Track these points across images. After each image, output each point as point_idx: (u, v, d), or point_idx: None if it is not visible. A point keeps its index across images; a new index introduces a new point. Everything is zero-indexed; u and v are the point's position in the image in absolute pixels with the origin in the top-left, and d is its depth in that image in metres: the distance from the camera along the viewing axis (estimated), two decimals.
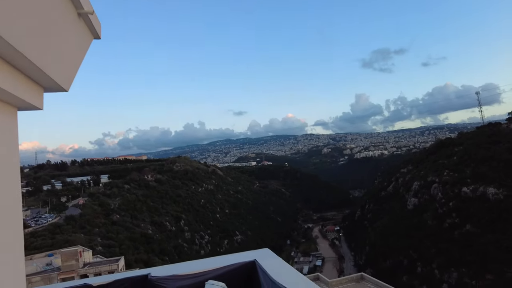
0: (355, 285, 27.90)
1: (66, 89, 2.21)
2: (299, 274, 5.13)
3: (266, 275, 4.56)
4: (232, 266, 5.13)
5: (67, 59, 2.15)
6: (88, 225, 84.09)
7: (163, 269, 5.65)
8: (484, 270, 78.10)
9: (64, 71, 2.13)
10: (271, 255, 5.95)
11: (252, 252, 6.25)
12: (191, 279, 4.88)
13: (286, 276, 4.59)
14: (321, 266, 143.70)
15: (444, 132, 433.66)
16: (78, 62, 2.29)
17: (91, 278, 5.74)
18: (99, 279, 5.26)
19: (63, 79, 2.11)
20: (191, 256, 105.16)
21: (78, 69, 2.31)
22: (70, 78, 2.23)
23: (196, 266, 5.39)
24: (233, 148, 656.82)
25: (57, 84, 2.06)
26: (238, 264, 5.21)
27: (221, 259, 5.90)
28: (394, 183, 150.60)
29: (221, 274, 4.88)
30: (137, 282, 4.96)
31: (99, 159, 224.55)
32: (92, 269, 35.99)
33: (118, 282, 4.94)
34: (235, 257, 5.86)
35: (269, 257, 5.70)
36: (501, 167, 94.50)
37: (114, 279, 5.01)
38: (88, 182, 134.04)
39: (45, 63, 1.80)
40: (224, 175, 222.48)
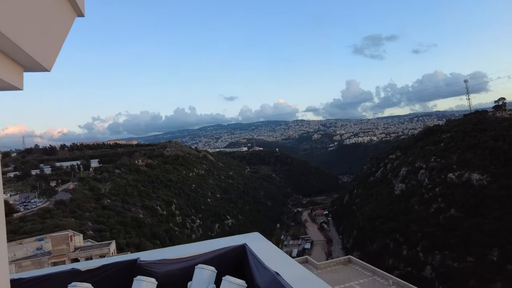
0: (343, 267, 28.68)
1: (48, 69, 2.11)
2: (288, 258, 5.12)
3: (256, 258, 4.57)
4: (222, 250, 5.10)
5: (48, 37, 2.04)
6: (78, 210, 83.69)
7: (152, 254, 5.56)
8: (466, 253, 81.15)
9: (46, 50, 2.03)
10: (261, 239, 5.92)
11: (242, 236, 6.21)
12: (180, 263, 4.84)
13: (276, 260, 4.61)
14: (310, 249, 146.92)
15: (432, 119, 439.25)
16: (61, 41, 2.19)
17: (80, 263, 5.58)
18: (87, 263, 5.15)
19: (44, 58, 2.01)
20: (182, 240, 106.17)
21: (60, 48, 2.22)
22: (52, 57, 2.13)
23: (186, 250, 5.36)
24: (224, 133, 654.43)
25: (38, 63, 1.97)
26: (228, 248, 5.17)
27: (211, 243, 5.84)
28: (382, 169, 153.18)
29: (211, 258, 4.86)
30: (126, 266, 4.89)
31: (89, 143, 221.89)
32: (83, 253, 36.10)
33: (107, 266, 4.86)
34: (225, 241, 5.81)
35: (259, 241, 5.68)
36: (486, 154, 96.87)
37: (102, 263, 4.94)
38: (78, 167, 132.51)
39: (25, 41, 1.71)
40: (215, 160, 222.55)
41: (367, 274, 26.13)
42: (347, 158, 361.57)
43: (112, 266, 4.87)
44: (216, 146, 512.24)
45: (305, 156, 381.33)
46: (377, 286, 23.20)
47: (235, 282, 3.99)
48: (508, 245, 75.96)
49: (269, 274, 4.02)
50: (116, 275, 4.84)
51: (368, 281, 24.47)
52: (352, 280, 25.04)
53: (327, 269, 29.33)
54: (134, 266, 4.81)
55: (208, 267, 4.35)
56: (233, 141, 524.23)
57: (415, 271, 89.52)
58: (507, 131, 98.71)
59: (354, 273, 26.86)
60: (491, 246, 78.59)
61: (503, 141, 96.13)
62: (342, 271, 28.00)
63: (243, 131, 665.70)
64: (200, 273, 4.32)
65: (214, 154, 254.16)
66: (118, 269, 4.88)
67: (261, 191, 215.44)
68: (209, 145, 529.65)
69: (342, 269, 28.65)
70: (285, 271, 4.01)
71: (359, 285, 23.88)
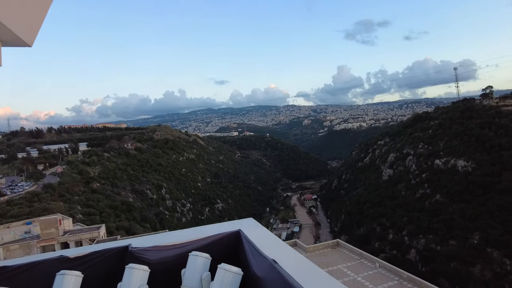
0: (331, 251, 29.24)
1: (29, 44, 2.00)
2: (284, 245, 5.00)
3: (252, 245, 4.49)
4: (216, 237, 4.97)
5: (29, 10, 1.89)
6: (67, 193, 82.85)
7: (144, 240, 5.37)
8: (449, 236, 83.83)
9: (26, 23, 1.89)
10: (256, 225, 5.81)
11: (236, 222, 6.11)
12: (174, 250, 4.69)
13: (271, 246, 4.55)
14: (298, 233, 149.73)
15: (421, 106, 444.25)
16: (42, 14, 2.02)
17: (68, 250, 5.34)
18: (76, 250, 4.96)
19: (24, 32, 1.89)
20: (172, 223, 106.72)
21: (42, 21, 2.06)
22: (33, 31, 2.01)
23: (179, 237, 5.21)
24: (215, 118, 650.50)
25: (18, 38, 1.85)
26: (222, 234, 5.04)
27: (205, 229, 5.69)
28: (371, 155, 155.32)
29: (205, 244, 4.72)
30: (117, 253, 4.70)
31: (77, 126, 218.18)
32: (73, 237, 35.94)
33: (97, 253, 4.67)
34: (219, 227, 5.69)
35: (253, 227, 5.60)
36: (472, 142, 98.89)
37: (92, 250, 4.76)
38: (66, 150, 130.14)
39: (2, 12, 1.61)
40: (205, 144, 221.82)
41: (354, 257, 26.75)
42: (336, 144, 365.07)
43: (102, 253, 4.69)
44: (207, 130, 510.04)
45: (295, 141, 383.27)
46: (364, 269, 23.79)
47: (231, 270, 3.90)
48: (489, 229, 78.70)
49: (266, 262, 3.96)
50: (107, 262, 4.66)
51: (355, 264, 25.07)
52: (340, 263, 25.61)
53: (315, 252, 29.86)
54: (126, 253, 4.65)
55: (202, 254, 4.25)
56: (224, 126, 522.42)
57: (400, 254, 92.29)
58: (493, 119, 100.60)
59: (342, 256, 27.45)
60: (473, 230, 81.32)
61: (489, 129, 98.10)
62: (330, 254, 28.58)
63: (234, 115, 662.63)
64: (194, 260, 4.21)
65: (205, 139, 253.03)
66: (109, 256, 4.69)
67: (251, 176, 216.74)
68: (200, 129, 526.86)
69: (330, 252, 29.22)
70: (282, 258, 3.96)
71: (347, 268, 24.44)
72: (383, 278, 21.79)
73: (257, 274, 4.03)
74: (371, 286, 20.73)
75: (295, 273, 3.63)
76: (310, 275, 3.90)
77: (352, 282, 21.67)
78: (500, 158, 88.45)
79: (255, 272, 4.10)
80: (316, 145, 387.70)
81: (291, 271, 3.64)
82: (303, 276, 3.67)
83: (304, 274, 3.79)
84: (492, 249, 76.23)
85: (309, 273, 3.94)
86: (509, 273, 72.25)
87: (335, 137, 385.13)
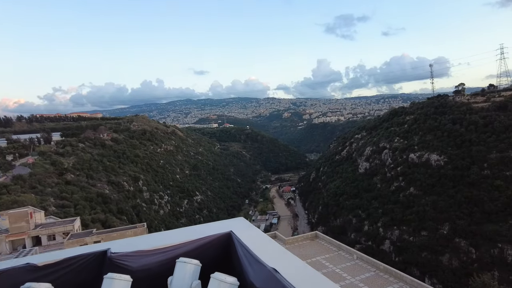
0: (310, 243, 29.59)
1: None
2: (281, 249, 4.58)
3: (246, 249, 4.07)
4: (205, 240, 4.45)
5: None
6: (39, 185, 79.40)
7: (124, 244, 4.75)
8: (421, 227, 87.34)
9: None
10: (247, 226, 5.37)
11: (226, 222, 5.61)
12: (158, 255, 4.14)
13: (268, 251, 4.19)
14: (276, 224, 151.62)
15: (397, 101, 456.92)
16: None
17: (37, 256, 4.62)
18: (46, 256, 4.29)
19: None
20: (150, 215, 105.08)
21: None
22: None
23: (163, 240, 4.70)
24: (194, 109, 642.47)
25: None
26: (212, 237, 4.53)
27: (192, 230, 5.23)
28: (348, 148, 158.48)
29: (194, 249, 4.24)
30: (94, 260, 4.06)
31: (50, 115, 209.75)
32: (45, 231, 34.43)
33: (70, 260, 4.02)
34: (207, 227, 5.19)
35: (245, 228, 5.15)
36: (444, 137, 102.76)
37: (65, 256, 4.11)
38: (38, 140, 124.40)
39: None
40: (184, 136, 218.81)
41: (332, 249, 27.22)
42: (315, 137, 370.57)
43: (76, 260, 4.04)
44: (186, 121, 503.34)
45: (275, 134, 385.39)
46: (342, 260, 24.24)
47: (226, 280, 3.49)
48: (457, 220, 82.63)
49: (265, 271, 3.57)
50: (82, 270, 4.03)
51: (333, 255, 25.51)
52: (319, 255, 25.97)
53: (294, 244, 30.14)
54: (104, 259, 4.06)
55: (191, 261, 3.83)
56: (203, 117, 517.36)
57: (375, 245, 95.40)
58: (464, 115, 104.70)
59: (320, 248, 27.86)
60: (443, 221, 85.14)
61: (460, 124, 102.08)
62: (309, 246, 28.93)
63: (214, 107, 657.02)
64: (182, 267, 3.78)
65: (183, 130, 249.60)
66: (84, 263, 4.05)
67: (230, 168, 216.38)
68: (178, 120, 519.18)
69: (309, 244, 29.57)
70: (282, 266, 3.60)
71: (325, 259, 24.82)
72: (360, 270, 22.28)
73: (256, 285, 3.64)
74: (349, 277, 21.16)
75: (299, 284, 3.31)
76: (316, 285, 3.57)
77: (330, 273, 22.03)
78: (470, 152, 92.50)
79: (253, 282, 3.70)
80: (296, 138, 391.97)
81: (294, 282, 3.32)
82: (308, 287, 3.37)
83: (309, 285, 3.49)
84: (460, 239, 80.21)
85: (314, 283, 3.60)
86: (474, 262, 76.37)
87: (314, 130, 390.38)
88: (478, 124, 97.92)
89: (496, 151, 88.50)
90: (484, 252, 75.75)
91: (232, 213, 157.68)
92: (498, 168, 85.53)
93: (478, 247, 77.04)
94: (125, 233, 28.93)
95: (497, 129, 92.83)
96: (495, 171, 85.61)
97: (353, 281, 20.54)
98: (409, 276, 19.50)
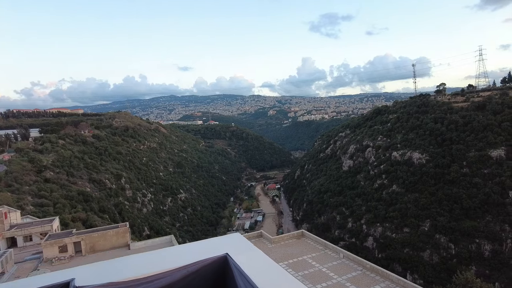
0: (296, 241, 29.41)
1: None
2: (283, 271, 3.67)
3: (245, 277, 3.25)
4: (195, 266, 3.50)
5: None
6: (16, 183, 76.42)
7: (94, 272, 3.77)
8: (403, 224, 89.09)
9: None
10: (246, 246, 4.33)
11: (219, 241, 4.56)
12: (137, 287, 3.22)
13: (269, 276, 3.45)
14: (261, 221, 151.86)
15: (381, 100, 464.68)
16: None
17: None
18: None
19: None
20: (132, 214, 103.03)
21: None
22: None
23: (143, 265, 3.76)
24: (178, 105, 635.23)
25: None
26: (204, 262, 3.58)
27: (177, 251, 4.36)
28: (332, 146, 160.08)
29: (181, 279, 3.32)
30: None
31: (28, 111, 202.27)
32: (21, 231, 32.82)
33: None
34: (198, 247, 4.26)
35: (244, 249, 4.19)
36: (426, 135, 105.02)
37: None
38: (15, 136, 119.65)
39: None
40: (168, 133, 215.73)
41: (319, 248, 27.11)
42: (300, 135, 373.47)
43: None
44: (170, 118, 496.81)
45: (260, 131, 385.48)
46: (328, 259, 24.14)
47: None
48: (438, 216, 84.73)
49: None
50: None
51: (320, 254, 25.39)
52: (305, 254, 25.80)
53: (281, 243, 29.92)
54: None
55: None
56: (188, 114, 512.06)
57: (358, 242, 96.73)
58: (445, 114, 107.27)
59: (306, 247, 27.71)
60: (424, 218, 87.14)
61: (441, 123, 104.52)
62: (295, 245, 28.75)
63: (198, 103, 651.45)
64: None
65: (167, 127, 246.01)
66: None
67: (215, 166, 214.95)
68: (162, 117, 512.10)
69: (295, 243, 29.39)
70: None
71: (312, 258, 24.67)
72: (347, 269, 22.22)
73: None
74: (336, 276, 21.03)
75: None
76: None
77: (317, 272, 21.87)
78: (450, 151, 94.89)
79: None
80: (281, 136, 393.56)
81: None
82: None
83: None
84: (440, 235, 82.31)
85: None
86: (453, 257, 78.60)
87: (298, 128, 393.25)
88: (458, 123, 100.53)
89: (475, 149, 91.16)
90: (462, 247, 78.05)
91: (217, 211, 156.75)
92: (477, 166, 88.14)
93: (457, 243, 79.31)
94: (107, 233, 27.97)
95: (475, 128, 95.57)
96: (474, 169, 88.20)
97: (340, 280, 20.42)
98: (396, 275, 19.53)
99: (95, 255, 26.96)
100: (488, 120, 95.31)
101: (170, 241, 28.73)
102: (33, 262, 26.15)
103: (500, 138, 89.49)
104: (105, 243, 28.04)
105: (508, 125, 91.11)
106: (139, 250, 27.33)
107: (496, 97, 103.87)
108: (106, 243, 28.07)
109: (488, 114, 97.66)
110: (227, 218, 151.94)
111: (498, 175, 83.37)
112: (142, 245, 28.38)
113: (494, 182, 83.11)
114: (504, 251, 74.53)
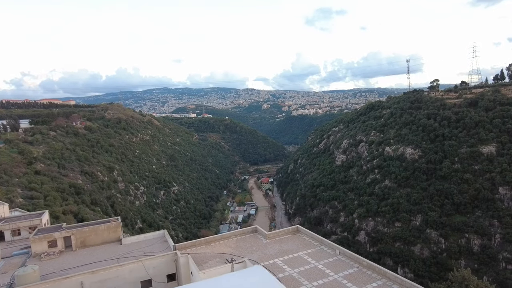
0: (291, 237, 29.08)
1: None
2: None
3: None
4: None
5: None
6: (4, 175, 74.88)
7: None
8: (395, 219, 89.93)
9: None
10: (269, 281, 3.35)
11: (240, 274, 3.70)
12: None
13: None
14: (254, 215, 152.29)
15: (374, 95, 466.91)
16: None
17: None
18: None
19: None
20: (125, 206, 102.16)
21: None
22: None
23: None
24: (171, 98, 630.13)
25: None
26: None
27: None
28: (326, 140, 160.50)
29: None
30: None
31: (18, 101, 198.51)
32: (8, 225, 31.85)
33: None
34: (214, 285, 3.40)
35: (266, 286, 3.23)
36: (419, 131, 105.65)
37: None
38: (4, 127, 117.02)
39: None
40: (161, 125, 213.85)
41: (314, 244, 26.84)
42: (293, 129, 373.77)
43: None
44: (163, 110, 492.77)
45: (254, 125, 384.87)
46: (324, 256, 23.90)
47: None
48: (429, 211, 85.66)
49: None
50: None
51: (315, 251, 25.13)
52: (301, 250, 25.51)
53: (275, 238, 29.53)
54: None
55: None
56: (181, 107, 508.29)
57: (350, 235, 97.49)
58: (438, 111, 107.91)
59: (302, 243, 27.41)
60: (416, 213, 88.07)
61: (434, 119, 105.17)
62: (291, 240, 28.43)
63: (192, 96, 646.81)
64: None
65: (160, 119, 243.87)
66: None
67: (209, 159, 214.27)
68: (155, 109, 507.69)
69: (290, 238, 29.04)
70: None
71: (307, 255, 24.40)
72: (343, 265, 22.00)
73: None
74: (332, 273, 20.80)
75: None
76: None
77: (313, 269, 21.61)
78: (442, 147, 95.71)
79: None
80: (274, 130, 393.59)
81: None
82: None
83: None
84: (431, 230, 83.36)
85: None
86: (443, 251, 79.72)
87: (292, 122, 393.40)
88: (451, 119, 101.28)
89: (467, 146, 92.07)
90: (452, 242, 79.18)
91: (210, 204, 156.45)
92: (468, 162, 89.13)
93: (447, 238, 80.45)
94: (98, 228, 27.31)
95: (467, 125, 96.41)
96: (465, 165, 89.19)
97: (336, 277, 20.20)
98: (393, 273, 19.38)
99: (85, 250, 26.34)
100: (480, 116, 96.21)
101: (163, 236, 28.16)
102: (21, 257, 25.43)
103: (491, 134, 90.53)
104: (96, 238, 27.37)
105: (499, 122, 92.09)
106: (131, 245, 26.76)
107: (488, 94, 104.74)
108: (97, 238, 27.40)
109: (480, 111, 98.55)
110: (220, 211, 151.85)
111: (488, 171, 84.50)
112: (135, 240, 27.77)
113: (485, 178, 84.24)
114: (493, 246, 75.89)
